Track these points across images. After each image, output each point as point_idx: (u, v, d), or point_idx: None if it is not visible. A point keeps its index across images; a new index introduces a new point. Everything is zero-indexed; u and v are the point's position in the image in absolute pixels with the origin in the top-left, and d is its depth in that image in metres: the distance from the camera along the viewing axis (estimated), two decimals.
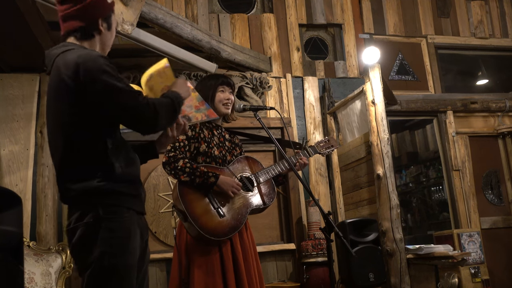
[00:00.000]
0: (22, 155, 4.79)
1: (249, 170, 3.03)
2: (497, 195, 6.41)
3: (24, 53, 4.66)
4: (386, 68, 6.28)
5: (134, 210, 2.04)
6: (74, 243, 1.99)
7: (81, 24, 2.11)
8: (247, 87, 5.55)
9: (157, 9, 4.58)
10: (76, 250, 2.00)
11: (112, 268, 1.93)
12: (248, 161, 3.09)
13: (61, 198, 2.09)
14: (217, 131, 3.11)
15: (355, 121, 5.47)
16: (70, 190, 2.00)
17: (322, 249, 4.88)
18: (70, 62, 1.99)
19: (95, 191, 1.96)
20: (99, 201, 1.96)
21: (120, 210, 1.98)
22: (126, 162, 2.05)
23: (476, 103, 6.49)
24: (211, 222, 2.81)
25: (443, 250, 4.83)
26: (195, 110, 2.47)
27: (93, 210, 1.95)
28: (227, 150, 3.09)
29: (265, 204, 2.99)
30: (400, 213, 4.81)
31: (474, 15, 6.99)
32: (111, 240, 1.93)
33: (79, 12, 2.10)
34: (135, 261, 2.02)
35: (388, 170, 4.84)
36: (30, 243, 4.40)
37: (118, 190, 1.99)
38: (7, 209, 3.10)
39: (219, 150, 3.03)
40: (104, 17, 2.15)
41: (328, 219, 2.60)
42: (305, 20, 6.24)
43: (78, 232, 1.96)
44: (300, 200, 5.43)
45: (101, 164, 1.99)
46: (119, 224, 1.97)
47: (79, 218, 1.96)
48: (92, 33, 2.14)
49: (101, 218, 1.94)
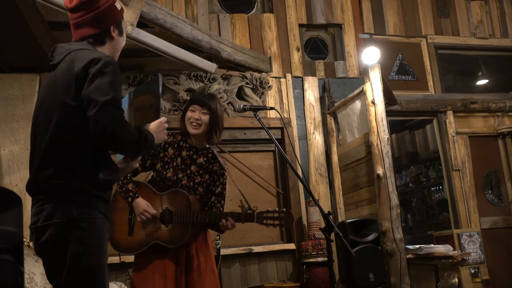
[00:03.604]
0: (22, 155, 4.79)
1: (178, 205, 2.91)
2: (497, 195, 6.41)
3: (24, 53, 4.66)
4: (386, 68, 6.29)
5: (103, 214, 2.05)
6: (44, 242, 1.96)
7: (94, 31, 2.15)
8: (247, 87, 5.56)
9: (157, 9, 4.58)
10: (47, 249, 1.98)
11: (88, 267, 1.94)
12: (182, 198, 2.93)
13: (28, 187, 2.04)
14: (188, 153, 3.03)
15: (355, 121, 5.48)
16: (44, 181, 1.98)
17: (322, 249, 4.88)
18: (87, 57, 2.01)
19: (73, 190, 1.96)
20: (73, 200, 1.95)
21: (93, 211, 1.99)
22: (109, 169, 2.06)
23: (476, 103, 6.50)
24: (119, 234, 2.91)
25: (443, 250, 4.83)
26: None
27: (65, 209, 1.94)
28: (186, 174, 3.00)
29: (167, 243, 2.87)
30: (400, 213, 4.81)
31: (474, 15, 7.00)
32: (85, 240, 1.94)
33: (92, 20, 2.14)
34: (107, 260, 2.04)
35: (388, 170, 4.84)
36: (30, 243, 4.40)
37: (93, 192, 1.99)
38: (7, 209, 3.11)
39: (174, 172, 2.97)
40: (115, 23, 2.20)
41: (328, 219, 2.60)
42: (305, 20, 6.24)
43: (49, 231, 1.95)
44: (300, 200, 5.43)
45: (86, 166, 2.00)
46: (93, 225, 1.97)
47: (49, 216, 1.95)
48: (104, 39, 2.18)
49: (74, 218, 1.94)
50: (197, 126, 2.99)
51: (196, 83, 5.31)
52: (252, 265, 5.19)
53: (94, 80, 1.94)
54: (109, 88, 1.93)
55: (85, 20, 2.13)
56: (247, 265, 5.17)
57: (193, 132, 3.00)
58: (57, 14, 3.99)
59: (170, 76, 5.24)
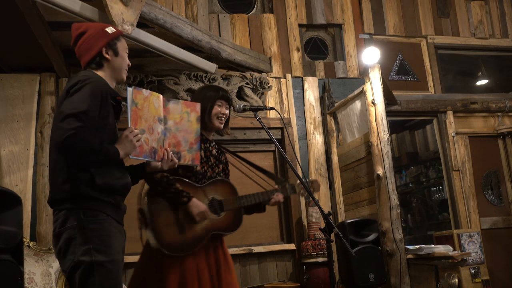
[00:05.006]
0: (22, 155, 4.79)
1: (222, 194, 2.96)
2: (497, 195, 6.41)
3: (24, 53, 4.66)
4: (386, 68, 6.28)
5: (113, 218, 2.23)
6: (60, 246, 2.17)
7: (90, 57, 2.39)
8: (247, 87, 5.55)
9: (157, 9, 4.58)
10: (62, 252, 2.16)
11: (100, 263, 2.10)
12: (224, 185, 3.02)
13: (48, 200, 2.27)
14: (205, 145, 3.06)
15: (355, 121, 5.48)
16: (55, 193, 2.21)
17: (322, 249, 4.88)
18: (72, 80, 2.26)
19: (76, 196, 2.15)
20: (79, 206, 2.15)
21: (99, 214, 2.18)
22: (108, 175, 2.22)
23: (476, 103, 6.50)
24: (171, 236, 2.78)
25: (443, 250, 4.83)
26: (188, 148, 2.66)
27: (75, 215, 2.14)
28: (210, 166, 3.04)
29: (225, 231, 2.93)
30: (400, 213, 4.81)
31: (474, 16, 7.00)
32: (93, 238, 2.12)
33: (86, 47, 2.40)
34: (120, 258, 2.22)
35: (388, 170, 4.84)
36: (30, 243, 4.40)
37: (97, 197, 2.18)
38: (7, 209, 3.11)
39: (202, 165, 2.98)
40: (106, 45, 2.40)
41: (328, 220, 2.60)
42: (305, 20, 6.24)
43: (63, 236, 2.15)
44: (300, 200, 5.43)
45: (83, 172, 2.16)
46: (99, 225, 2.16)
47: (63, 223, 2.16)
48: (101, 62, 2.40)
49: (82, 220, 2.14)
50: (223, 121, 3.12)
51: (196, 83, 5.31)
52: (252, 265, 5.18)
53: (71, 96, 2.18)
54: (80, 102, 2.13)
55: (82, 49, 2.41)
56: (247, 265, 5.16)
57: (219, 126, 3.09)
58: (57, 14, 3.98)
59: (170, 76, 5.24)
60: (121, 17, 3.93)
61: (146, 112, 2.41)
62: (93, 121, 2.15)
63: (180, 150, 2.62)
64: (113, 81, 2.44)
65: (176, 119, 2.61)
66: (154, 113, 2.46)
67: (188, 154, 2.66)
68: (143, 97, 2.39)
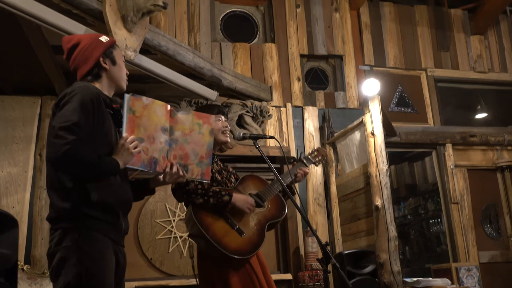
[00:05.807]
0: (20, 177, 4.78)
1: (255, 187, 3.05)
2: (495, 229, 6.38)
3: (26, 75, 4.70)
4: (386, 100, 6.32)
5: (109, 238, 2.14)
6: (53, 266, 2.09)
7: (87, 68, 2.32)
8: (247, 115, 5.57)
9: (160, 36, 4.63)
10: (54, 273, 2.09)
11: (89, 285, 2.02)
12: (253, 179, 3.11)
13: (46, 218, 2.21)
14: (214, 160, 3.11)
15: (354, 152, 5.48)
16: (51, 212, 2.14)
17: (319, 280, 4.83)
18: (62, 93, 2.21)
19: (71, 214, 2.08)
20: (74, 225, 2.08)
21: (95, 234, 2.09)
22: (105, 191, 2.14)
23: (475, 137, 6.51)
24: (233, 242, 2.80)
25: (441, 284, 4.78)
26: (197, 162, 2.46)
27: (70, 234, 2.07)
28: (225, 177, 3.10)
29: (278, 217, 3.04)
30: (398, 245, 4.78)
31: (473, 49, 7.07)
32: (86, 260, 2.04)
33: (82, 59, 2.33)
34: (112, 281, 2.12)
35: (387, 202, 4.83)
36: (24, 266, 4.35)
37: (93, 215, 2.10)
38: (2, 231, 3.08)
39: (221, 176, 3.04)
40: (102, 54, 2.34)
41: (325, 250, 2.58)
42: (306, 51, 6.30)
43: (57, 256, 2.07)
44: (298, 229, 5.40)
45: (79, 188, 2.10)
46: (93, 247, 2.07)
47: (58, 242, 2.08)
48: (99, 73, 2.33)
49: (76, 240, 2.06)
50: (228, 134, 3.17)
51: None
52: None
53: (61, 109, 2.11)
54: (71, 114, 2.07)
55: (77, 61, 2.34)
56: None
57: (226, 140, 3.14)
58: (61, 38, 4.02)
59: (171, 103, 5.26)
60: (125, 43, 3.97)
61: (146, 121, 2.27)
62: (86, 131, 2.08)
63: (188, 163, 2.42)
64: (111, 91, 2.37)
65: (184, 130, 2.44)
66: (156, 121, 2.31)
67: (197, 168, 2.45)
68: (142, 104, 2.26)
